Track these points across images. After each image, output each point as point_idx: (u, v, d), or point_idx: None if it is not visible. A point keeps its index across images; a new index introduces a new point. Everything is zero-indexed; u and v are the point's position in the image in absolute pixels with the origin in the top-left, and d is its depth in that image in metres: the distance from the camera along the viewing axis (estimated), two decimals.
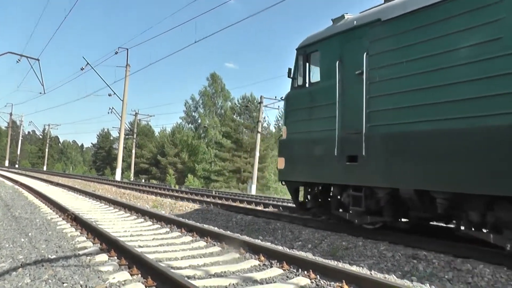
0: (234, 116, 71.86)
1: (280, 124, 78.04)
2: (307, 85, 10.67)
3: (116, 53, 40.00)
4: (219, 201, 18.69)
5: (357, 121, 8.76)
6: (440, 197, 7.46)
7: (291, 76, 11.20)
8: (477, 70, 6.79)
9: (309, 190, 11.14)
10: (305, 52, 10.79)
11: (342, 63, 9.36)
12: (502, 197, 6.58)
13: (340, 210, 9.90)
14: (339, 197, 9.89)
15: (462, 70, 7.01)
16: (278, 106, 47.35)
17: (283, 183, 11.66)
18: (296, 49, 11.14)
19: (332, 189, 10.15)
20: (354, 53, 9.05)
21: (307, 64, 10.73)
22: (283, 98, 11.43)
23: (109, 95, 42.80)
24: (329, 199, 10.52)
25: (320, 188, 10.71)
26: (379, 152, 8.30)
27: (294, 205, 12.84)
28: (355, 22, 9.23)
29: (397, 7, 8.33)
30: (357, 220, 9.12)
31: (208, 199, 19.61)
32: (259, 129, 44.52)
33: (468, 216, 7.31)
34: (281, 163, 11.34)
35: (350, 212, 9.36)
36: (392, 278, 6.21)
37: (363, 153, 8.58)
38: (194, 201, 18.69)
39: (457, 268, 6.92)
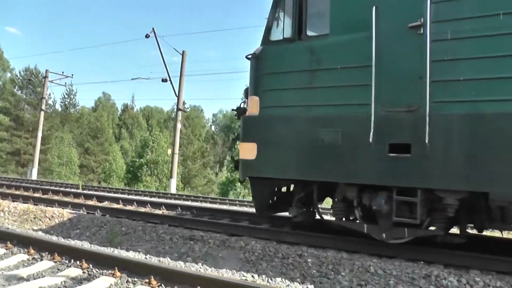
0: (15, 90, 65.23)
1: (66, 102, 73.63)
2: (302, 37, 7.58)
3: None
4: None
5: (410, 93, 6.36)
6: None
7: (268, 25, 8.01)
8: None
9: (288, 191, 8.51)
10: None
11: (380, 10, 6.69)
12: None
13: (345, 219, 7.63)
14: (351, 202, 7.25)
15: None
16: (65, 83, 44.66)
17: (243, 179, 8.30)
18: None
19: (340, 191, 7.34)
20: None
21: (302, 7, 7.61)
22: (248, 56, 8.16)
23: None
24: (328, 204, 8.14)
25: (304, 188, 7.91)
26: (457, 141, 6.01)
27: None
28: None
29: None
30: (386, 235, 6.77)
31: None
32: (43, 107, 41.35)
33: None
34: (249, 151, 7.83)
35: (365, 223, 7.08)
36: (166, 261, 6.38)
37: (426, 141, 6.13)
38: None
39: (231, 246, 7.52)
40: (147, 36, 29.49)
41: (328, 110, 7.05)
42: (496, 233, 9.33)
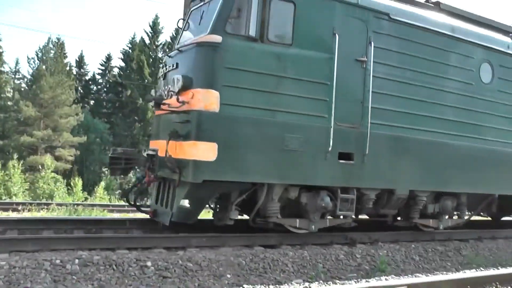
0: None
1: None
2: (264, 40, 7.42)
3: None
4: None
5: (356, 114, 8.07)
6: (423, 195, 9.01)
7: (224, 15, 7.33)
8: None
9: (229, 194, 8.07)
10: None
11: (338, 37, 7.77)
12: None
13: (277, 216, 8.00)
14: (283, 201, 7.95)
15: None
16: None
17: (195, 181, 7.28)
18: None
19: (277, 192, 7.73)
20: (353, 34, 8.03)
21: (265, 11, 7.42)
22: (202, 43, 7.39)
23: None
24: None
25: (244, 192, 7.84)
26: (382, 153, 8.34)
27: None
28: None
29: (408, 14, 8.68)
30: (314, 226, 8.09)
31: None
32: None
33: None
34: (207, 151, 7.12)
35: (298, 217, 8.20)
36: None
37: (366, 152, 8.05)
38: None
39: None
40: None
41: (292, 117, 7.51)
42: None
